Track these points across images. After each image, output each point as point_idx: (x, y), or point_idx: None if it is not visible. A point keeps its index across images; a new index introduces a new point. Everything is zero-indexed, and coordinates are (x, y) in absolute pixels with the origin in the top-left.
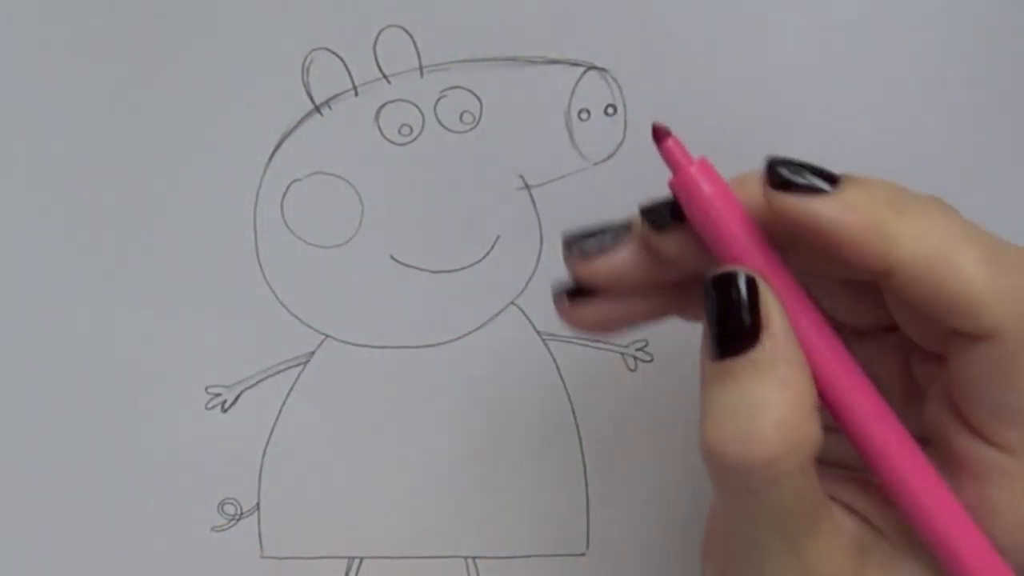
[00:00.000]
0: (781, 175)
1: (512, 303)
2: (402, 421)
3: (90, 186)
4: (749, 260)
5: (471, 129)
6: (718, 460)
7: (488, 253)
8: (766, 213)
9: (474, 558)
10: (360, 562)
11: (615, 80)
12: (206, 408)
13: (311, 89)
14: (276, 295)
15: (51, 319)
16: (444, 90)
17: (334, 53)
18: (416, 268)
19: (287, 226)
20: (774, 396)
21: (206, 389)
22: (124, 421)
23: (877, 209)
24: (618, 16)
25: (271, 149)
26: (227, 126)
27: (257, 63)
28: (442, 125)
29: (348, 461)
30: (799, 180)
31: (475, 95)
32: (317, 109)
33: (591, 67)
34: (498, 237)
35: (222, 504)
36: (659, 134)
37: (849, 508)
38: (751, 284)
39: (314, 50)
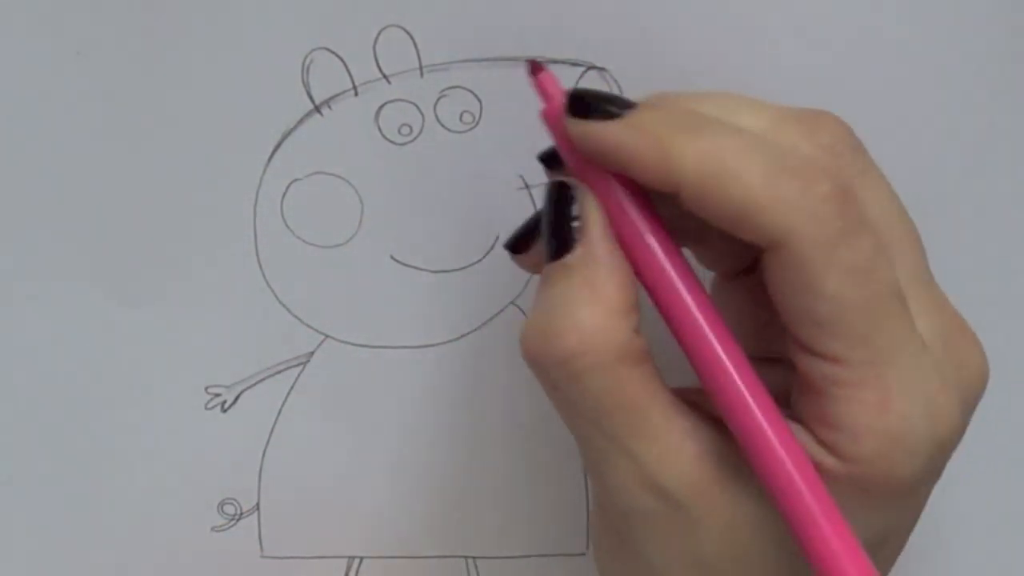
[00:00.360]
0: (579, 104)
1: (512, 303)
2: (402, 421)
3: (90, 186)
4: (590, 175)
5: (471, 129)
6: (524, 355)
7: (488, 253)
8: None
9: (474, 558)
10: (360, 562)
11: (615, 80)
12: (206, 408)
13: (311, 89)
14: (276, 295)
15: (51, 319)
16: (444, 90)
17: (334, 53)
18: (416, 268)
19: (287, 226)
20: (578, 296)
21: (206, 389)
22: (124, 421)
23: (661, 129)
24: (618, 16)
25: (271, 149)
26: (227, 126)
27: (257, 63)
28: (442, 125)
29: (348, 461)
30: (594, 106)
31: (475, 95)
32: (317, 109)
33: (591, 67)
34: (498, 237)
35: (222, 504)
36: (534, 68)
37: (711, 417)
38: (573, 194)
39: (314, 50)
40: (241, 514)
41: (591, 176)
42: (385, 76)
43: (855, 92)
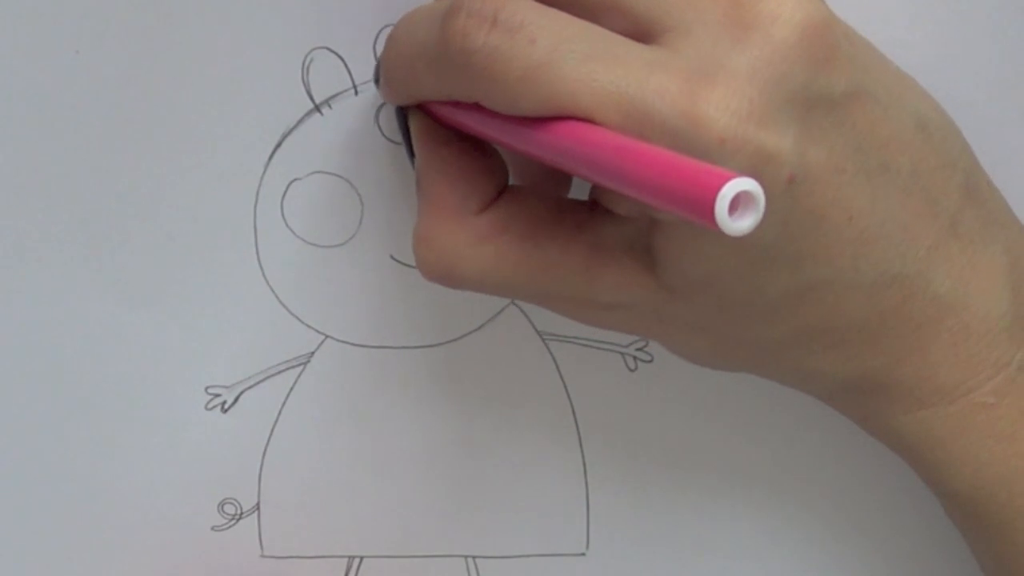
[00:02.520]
0: (375, 80)
1: (512, 303)
2: (402, 421)
3: (90, 186)
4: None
5: None
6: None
7: None
8: None
9: (474, 558)
10: (360, 562)
11: None
12: (206, 408)
13: (311, 88)
14: (276, 295)
15: (51, 319)
16: None
17: (334, 53)
18: (416, 268)
19: (287, 226)
20: (423, 211)
21: (206, 389)
22: (124, 421)
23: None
24: None
25: (271, 149)
26: (227, 126)
27: (257, 63)
28: None
29: (348, 461)
30: (375, 77)
31: None
32: (317, 108)
33: None
34: None
35: (222, 504)
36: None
37: (612, 212)
38: (403, 116)
39: (314, 50)
40: (241, 514)
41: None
42: None
43: None
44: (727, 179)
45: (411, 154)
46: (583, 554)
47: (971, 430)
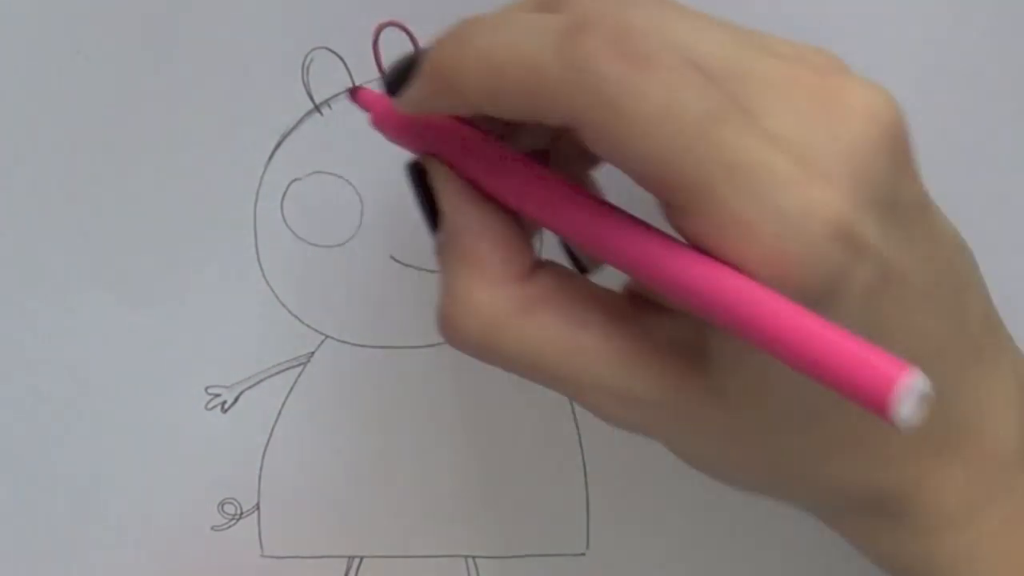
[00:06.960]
0: (393, 82)
1: None
2: (402, 421)
3: (90, 186)
4: (434, 146)
5: None
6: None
7: None
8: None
9: (474, 558)
10: (360, 562)
11: None
12: (206, 408)
13: (311, 89)
14: (276, 295)
15: (51, 319)
16: None
17: (334, 53)
18: (416, 268)
19: (287, 226)
20: (457, 273)
21: (206, 389)
22: (124, 421)
23: (443, 58)
24: None
25: (271, 149)
26: (227, 126)
27: (257, 63)
28: None
29: (348, 461)
30: (401, 73)
31: None
32: (317, 108)
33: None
34: None
35: (222, 504)
36: (352, 93)
37: (657, 303)
38: (421, 173)
39: (314, 50)
40: (241, 514)
41: (438, 148)
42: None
43: None
44: (904, 374)
45: (428, 213)
46: (583, 554)
47: (980, 559)
